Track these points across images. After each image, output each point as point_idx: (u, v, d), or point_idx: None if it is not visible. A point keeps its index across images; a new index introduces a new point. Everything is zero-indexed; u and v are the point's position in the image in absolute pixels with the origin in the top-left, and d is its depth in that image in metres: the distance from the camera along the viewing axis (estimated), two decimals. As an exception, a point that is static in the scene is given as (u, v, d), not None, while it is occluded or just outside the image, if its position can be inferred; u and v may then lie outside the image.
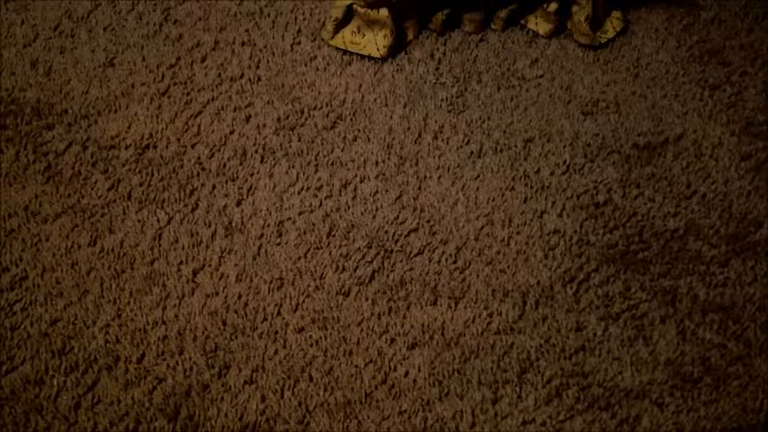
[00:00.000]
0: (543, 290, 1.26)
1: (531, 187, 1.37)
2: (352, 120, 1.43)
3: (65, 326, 1.18)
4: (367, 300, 1.24)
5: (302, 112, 1.44)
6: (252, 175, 1.36)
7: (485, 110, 1.46)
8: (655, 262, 1.30)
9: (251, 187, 1.34)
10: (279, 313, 1.22)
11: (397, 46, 1.53)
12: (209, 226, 1.30)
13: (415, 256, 1.29)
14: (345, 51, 1.52)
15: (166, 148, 1.38)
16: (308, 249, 1.28)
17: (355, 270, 1.26)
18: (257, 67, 1.50)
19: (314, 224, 1.31)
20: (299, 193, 1.34)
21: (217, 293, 1.23)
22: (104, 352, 1.16)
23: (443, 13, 1.54)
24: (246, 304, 1.23)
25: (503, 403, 1.16)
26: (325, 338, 1.20)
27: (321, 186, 1.35)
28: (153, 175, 1.35)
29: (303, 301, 1.23)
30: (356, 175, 1.37)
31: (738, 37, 1.60)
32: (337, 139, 1.41)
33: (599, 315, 1.24)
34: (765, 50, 1.59)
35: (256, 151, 1.38)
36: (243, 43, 1.53)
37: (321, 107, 1.45)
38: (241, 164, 1.37)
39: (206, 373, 1.17)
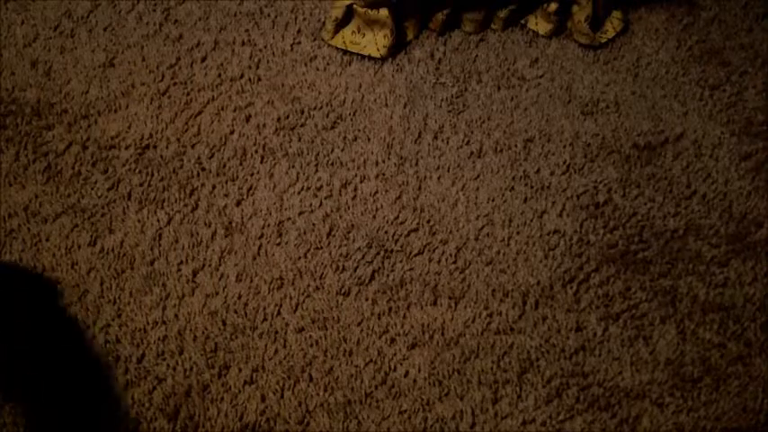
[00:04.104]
0: (543, 290, 1.26)
1: (531, 187, 1.37)
2: (352, 120, 1.43)
3: (65, 326, 1.19)
4: (367, 300, 1.24)
5: (302, 112, 1.44)
6: (252, 175, 1.36)
7: (485, 110, 1.46)
8: (655, 262, 1.30)
9: (251, 187, 1.34)
10: (279, 313, 1.22)
11: (397, 46, 1.53)
12: (209, 226, 1.30)
13: (415, 256, 1.28)
14: (345, 51, 1.52)
15: (166, 148, 1.38)
16: (308, 249, 1.28)
17: (355, 270, 1.26)
18: (257, 67, 1.50)
19: (314, 224, 1.31)
20: (299, 193, 1.34)
21: (217, 293, 1.23)
22: (104, 352, 1.16)
23: (443, 13, 1.54)
24: (246, 304, 1.23)
25: (503, 403, 1.16)
26: (325, 338, 1.20)
27: (321, 186, 1.35)
28: (153, 175, 1.35)
29: (303, 301, 1.23)
30: (356, 175, 1.37)
31: (738, 37, 1.60)
32: (337, 139, 1.41)
33: (599, 315, 1.24)
34: (765, 50, 1.59)
35: (256, 151, 1.38)
36: (243, 43, 1.53)
37: (321, 107, 1.45)
38: (241, 164, 1.37)
39: (206, 373, 1.17)
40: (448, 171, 1.38)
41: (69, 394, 1.13)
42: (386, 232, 1.30)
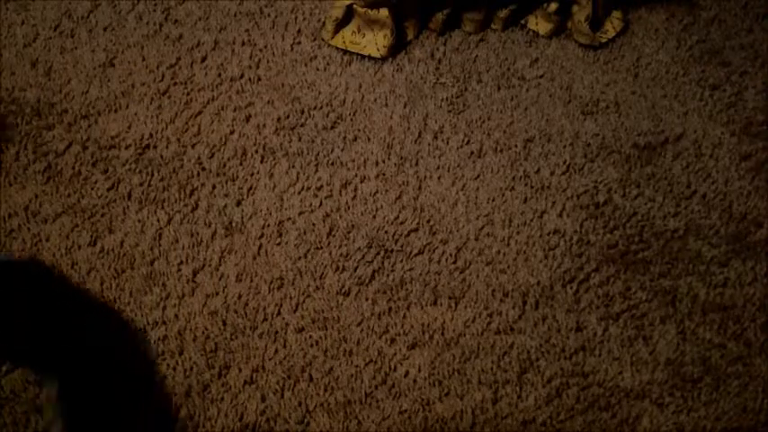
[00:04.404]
0: (543, 290, 1.26)
1: (531, 187, 1.37)
2: (352, 120, 1.43)
3: (65, 326, 1.18)
4: (367, 300, 1.24)
5: (302, 112, 1.44)
6: (252, 175, 1.36)
7: (485, 110, 1.46)
8: (655, 262, 1.30)
9: (251, 187, 1.34)
10: (279, 313, 1.22)
11: (397, 46, 1.53)
12: (209, 226, 1.30)
13: (415, 256, 1.28)
14: (345, 51, 1.52)
15: (166, 148, 1.38)
16: (308, 249, 1.28)
17: (355, 270, 1.26)
18: (257, 67, 1.50)
19: (314, 224, 1.31)
20: (299, 193, 1.34)
21: (217, 293, 1.23)
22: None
23: (443, 13, 1.54)
24: (246, 304, 1.23)
25: (503, 403, 1.16)
26: (325, 338, 1.20)
27: (321, 186, 1.35)
28: (153, 175, 1.35)
29: (303, 301, 1.23)
30: (356, 175, 1.37)
31: (738, 37, 1.60)
32: (337, 139, 1.41)
33: (599, 315, 1.24)
34: (765, 50, 1.59)
35: (256, 151, 1.38)
36: (243, 43, 1.53)
37: (321, 107, 1.45)
38: (241, 164, 1.37)
39: (206, 373, 1.17)
40: (448, 171, 1.38)
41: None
42: (386, 232, 1.30)
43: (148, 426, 1.12)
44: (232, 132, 1.41)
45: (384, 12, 1.48)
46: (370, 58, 1.51)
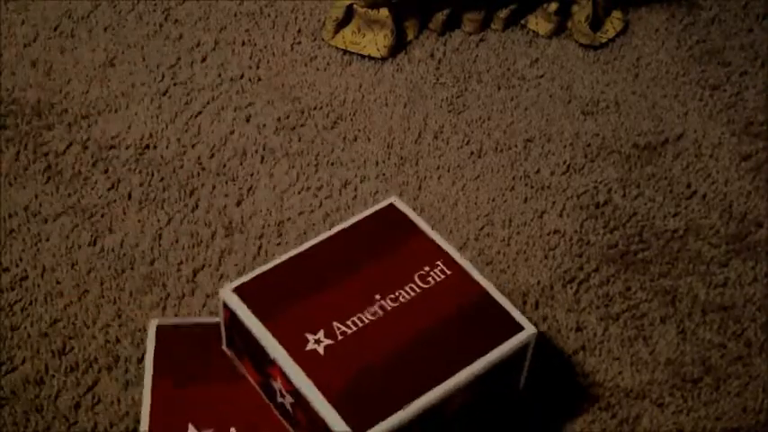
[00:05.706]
0: (543, 290, 1.26)
1: (532, 187, 1.37)
2: (352, 120, 1.43)
3: (65, 326, 1.18)
4: (367, 300, 1.24)
5: (302, 112, 1.44)
6: (252, 175, 1.36)
7: (485, 110, 1.46)
8: (655, 262, 1.30)
9: (251, 187, 1.34)
10: (279, 313, 1.22)
11: (398, 46, 1.53)
12: (209, 226, 1.30)
13: (415, 256, 1.28)
14: (345, 51, 1.52)
15: (166, 148, 1.38)
16: (308, 249, 1.28)
17: (355, 270, 1.26)
18: (257, 67, 1.50)
19: (314, 224, 1.31)
20: (299, 193, 1.34)
21: (217, 294, 1.23)
22: (104, 352, 1.16)
23: (443, 13, 1.54)
24: (246, 304, 1.22)
25: (503, 403, 1.16)
26: (326, 338, 1.20)
27: (321, 186, 1.35)
28: (153, 175, 1.35)
29: (303, 301, 1.23)
30: (356, 175, 1.37)
31: (738, 37, 1.60)
32: (337, 139, 1.41)
33: (599, 315, 1.24)
34: (765, 50, 1.59)
35: (256, 151, 1.38)
36: (243, 43, 1.53)
37: (321, 107, 1.45)
38: (241, 164, 1.37)
39: (206, 373, 1.17)
40: (448, 171, 1.38)
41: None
42: (386, 232, 1.30)
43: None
44: (232, 132, 1.41)
45: (384, 12, 1.48)
46: (370, 58, 1.51)
